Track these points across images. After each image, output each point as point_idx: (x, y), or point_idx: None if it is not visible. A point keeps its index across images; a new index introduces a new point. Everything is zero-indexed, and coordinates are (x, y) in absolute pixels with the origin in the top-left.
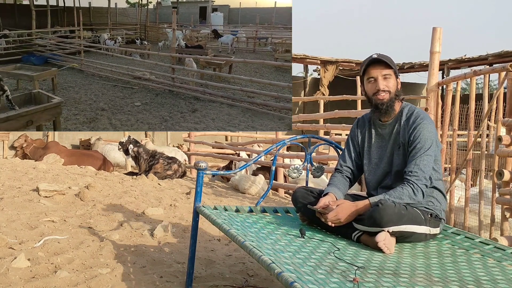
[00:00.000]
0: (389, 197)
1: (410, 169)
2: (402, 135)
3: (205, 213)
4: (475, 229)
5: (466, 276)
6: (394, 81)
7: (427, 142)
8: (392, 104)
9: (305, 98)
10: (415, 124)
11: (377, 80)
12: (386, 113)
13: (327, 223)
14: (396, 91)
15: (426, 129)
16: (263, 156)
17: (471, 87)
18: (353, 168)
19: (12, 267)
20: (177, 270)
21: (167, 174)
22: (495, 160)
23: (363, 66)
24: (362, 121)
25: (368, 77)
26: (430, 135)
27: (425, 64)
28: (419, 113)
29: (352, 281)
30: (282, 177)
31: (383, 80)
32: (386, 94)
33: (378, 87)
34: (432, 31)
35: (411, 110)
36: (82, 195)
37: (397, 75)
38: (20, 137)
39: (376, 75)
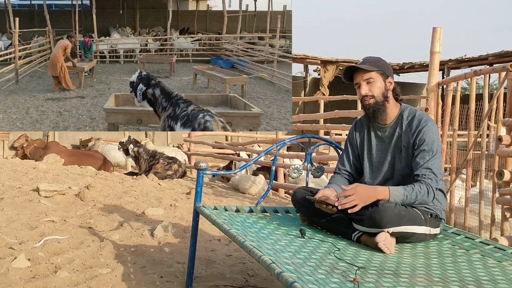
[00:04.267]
0: (405, 191)
1: (422, 172)
2: (404, 138)
3: (205, 213)
4: (476, 229)
5: (466, 276)
6: (381, 83)
7: (435, 145)
8: (380, 108)
9: (305, 98)
10: (420, 127)
11: (360, 86)
12: (374, 117)
13: (328, 212)
14: (385, 92)
15: (431, 131)
16: (263, 156)
17: (471, 87)
18: (352, 171)
19: (12, 267)
20: (177, 270)
21: (167, 174)
22: (495, 160)
23: (347, 74)
24: (360, 124)
25: (354, 83)
26: (436, 137)
27: (425, 64)
28: (422, 116)
29: (352, 281)
30: (282, 177)
31: (366, 85)
32: (371, 99)
33: (361, 92)
34: (432, 31)
35: (411, 113)
36: (82, 195)
37: (385, 75)
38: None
39: (359, 81)
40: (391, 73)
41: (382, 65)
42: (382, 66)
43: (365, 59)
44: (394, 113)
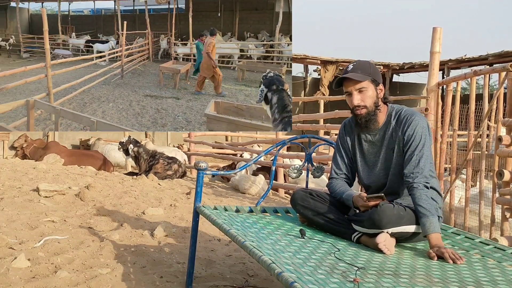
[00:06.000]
0: (429, 213)
1: (411, 170)
2: (394, 137)
3: (205, 213)
4: (475, 229)
5: (466, 276)
6: (373, 91)
7: (422, 139)
8: (372, 117)
9: (305, 98)
10: (408, 122)
11: (352, 95)
12: (367, 127)
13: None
14: (376, 101)
15: (418, 125)
16: (263, 156)
17: (471, 87)
18: (349, 174)
19: (12, 267)
20: (177, 270)
21: (167, 174)
22: (495, 160)
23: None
24: (349, 126)
25: (344, 90)
26: (423, 131)
27: (425, 64)
28: (407, 111)
29: (352, 281)
30: (282, 177)
31: (358, 94)
32: (363, 109)
33: (353, 103)
34: (432, 31)
35: (398, 111)
36: (82, 195)
37: (377, 83)
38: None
39: (350, 90)
40: (380, 80)
41: (373, 72)
42: (373, 73)
43: (355, 65)
44: (383, 116)
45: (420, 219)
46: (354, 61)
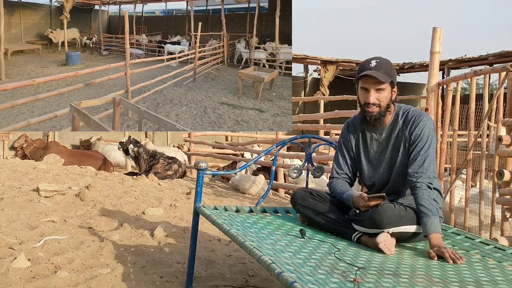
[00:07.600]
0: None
1: (415, 169)
2: (401, 136)
3: (205, 213)
4: (476, 229)
5: (466, 276)
6: (389, 93)
7: (428, 139)
8: (381, 118)
9: (305, 98)
10: (416, 122)
11: (369, 92)
12: (374, 126)
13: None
14: (389, 102)
15: (426, 126)
16: (263, 156)
17: (471, 87)
18: (350, 174)
19: (12, 267)
20: (177, 270)
21: (167, 174)
22: (495, 160)
23: (359, 73)
24: (352, 125)
25: (361, 85)
26: (431, 132)
27: (425, 64)
28: (415, 111)
29: (352, 281)
30: (282, 177)
31: (375, 93)
32: (376, 108)
33: (368, 99)
34: (432, 31)
35: (405, 111)
36: (82, 195)
37: (393, 85)
38: (20, 137)
39: (369, 87)
40: (396, 82)
41: (393, 73)
42: (393, 75)
43: (378, 63)
44: (390, 115)
45: (422, 219)
46: (376, 57)
